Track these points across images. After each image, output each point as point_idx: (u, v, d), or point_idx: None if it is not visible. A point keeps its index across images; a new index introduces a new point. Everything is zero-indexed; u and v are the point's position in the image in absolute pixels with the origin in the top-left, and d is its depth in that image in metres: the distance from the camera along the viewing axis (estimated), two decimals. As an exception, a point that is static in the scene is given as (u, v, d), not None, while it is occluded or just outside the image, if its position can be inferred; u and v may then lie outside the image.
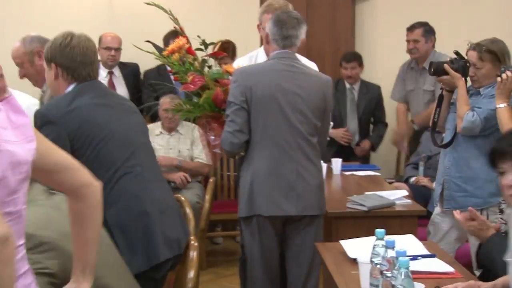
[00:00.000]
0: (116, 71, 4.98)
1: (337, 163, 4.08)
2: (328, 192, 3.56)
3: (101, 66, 4.79)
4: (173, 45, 2.97)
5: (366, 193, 3.35)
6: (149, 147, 2.56)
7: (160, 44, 4.13)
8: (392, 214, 3.16)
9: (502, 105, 2.89)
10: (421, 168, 4.36)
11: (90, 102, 2.35)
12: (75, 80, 2.38)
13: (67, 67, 2.35)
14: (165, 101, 4.50)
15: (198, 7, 5.38)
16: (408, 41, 4.83)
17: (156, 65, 4.81)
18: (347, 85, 5.14)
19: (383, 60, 5.51)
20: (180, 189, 4.42)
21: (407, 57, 4.98)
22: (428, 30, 4.79)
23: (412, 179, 4.27)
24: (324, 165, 3.84)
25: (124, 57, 4.96)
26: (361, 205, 3.13)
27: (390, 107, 5.19)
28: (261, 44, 3.48)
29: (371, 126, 5.25)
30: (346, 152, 4.92)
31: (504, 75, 2.87)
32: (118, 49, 4.89)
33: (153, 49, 3.12)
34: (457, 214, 2.46)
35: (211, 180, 4.47)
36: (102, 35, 4.86)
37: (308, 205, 2.86)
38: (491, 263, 2.25)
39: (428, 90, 4.77)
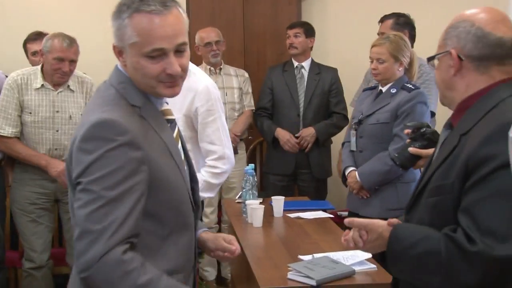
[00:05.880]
0: None
1: (278, 202, 3.12)
2: (264, 251, 2.62)
3: None
4: None
5: (315, 255, 2.39)
6: None
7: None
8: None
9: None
10: (352, 139, 3.26)
11: None
12: None
13: None
14: (58, 46, 3.22)
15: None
16: (379, 34, 3.79)
17: None
18: (295, 63, 4.33)
19: (336, 61, 4.62)
20: None
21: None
22: (400, 23, 3.77)
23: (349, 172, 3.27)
24: (260, 208, 2.93)
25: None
26: (307, 276, 2.19)
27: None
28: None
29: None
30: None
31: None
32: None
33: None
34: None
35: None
36: None
37: None
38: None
39: None
